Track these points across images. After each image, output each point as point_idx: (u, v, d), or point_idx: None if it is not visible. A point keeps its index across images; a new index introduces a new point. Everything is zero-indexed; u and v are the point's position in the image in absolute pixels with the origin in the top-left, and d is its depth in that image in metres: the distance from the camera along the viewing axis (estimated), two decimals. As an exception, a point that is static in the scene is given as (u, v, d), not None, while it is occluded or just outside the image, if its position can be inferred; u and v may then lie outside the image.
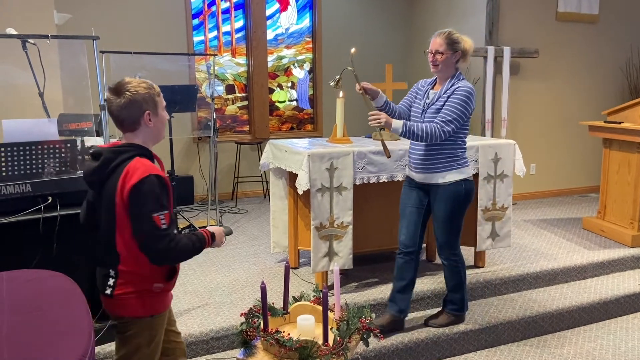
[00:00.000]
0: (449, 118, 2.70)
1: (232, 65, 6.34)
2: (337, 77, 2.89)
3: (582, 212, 5.39)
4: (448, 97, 2.74)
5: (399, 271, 3.01)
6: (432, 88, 2.89)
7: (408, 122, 2.71)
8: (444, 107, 2.73)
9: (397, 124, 2.66)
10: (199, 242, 1.81)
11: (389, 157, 2.78)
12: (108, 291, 1.77)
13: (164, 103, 1.88)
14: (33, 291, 1.57)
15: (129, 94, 1.75)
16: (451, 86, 2.77)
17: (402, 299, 3.02)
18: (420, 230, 2.96)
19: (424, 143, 2.79)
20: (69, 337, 1.33)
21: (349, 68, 2.79)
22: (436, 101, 2.79)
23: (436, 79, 2.90)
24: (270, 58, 6.46)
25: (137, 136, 1.82)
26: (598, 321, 3.55)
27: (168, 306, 1.89)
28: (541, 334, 3.37)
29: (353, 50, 2.82)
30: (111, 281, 1.76)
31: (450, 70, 2.80)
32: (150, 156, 1.83)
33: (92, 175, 1.79)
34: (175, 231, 1.78)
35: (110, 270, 1.76)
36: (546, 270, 3.78)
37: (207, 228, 1.88)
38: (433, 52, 2.77)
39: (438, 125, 2.68)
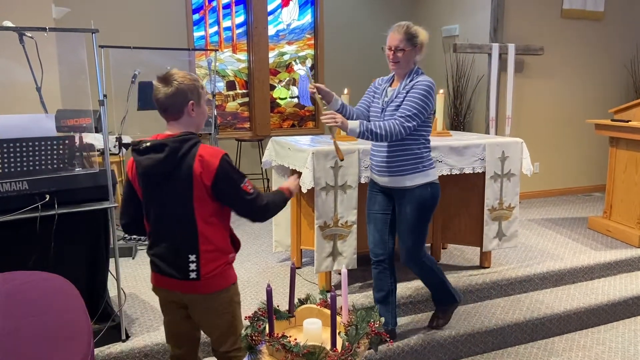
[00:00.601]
0: (409, 113, 2.50)
1: (232, 61, 6.27)
2: (314, 91, 2.58)
3: (587, 211, 5.33)
4: (407, 92, 2.57)
5: (375, 281, 2.85)
6: (390, 85, 2.71)
7: (365, 121, 2.54)
8: (404, 102, 2.55)
9: (353, 124, 2.47)
10: (281, 196, 2.05)
11: (342, 159, 2.59)
12: (193, 275, 1.89)
13: (207, 96, 1.96)
14: (29, 294, 1.50)
15: (176, 83, 1.84)
16: (410, 81, 2.60)
17: (385, 310, 2.82)
18: (388, 236, 2.79)
19: (386, 144, 2.62)
20: (67, 342, 1.26)
21: (302, 70, 2.68)
22: (395, 98, 2.61)
23: (394, 75, 2.72)
24: (271, 54, 6.39)
25: (181, 124, 1.90)
26: (606, 323, 3.49)
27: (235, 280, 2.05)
28: (549, 336, 3.31)
29: (307, 62, 2.71)
30: (193, 265, 1.88)
31: (409, 66, 2.61)
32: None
33: (159, 167, 1.84)
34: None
35: (190, 256, 1.88)
36: (553, 270, 3.71)
37: (281, 185, 2.12)
38: (392, 48, 2.56)
39: (397, 122, 2.49)
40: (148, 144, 1.86)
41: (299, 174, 2.90)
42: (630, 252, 4.03)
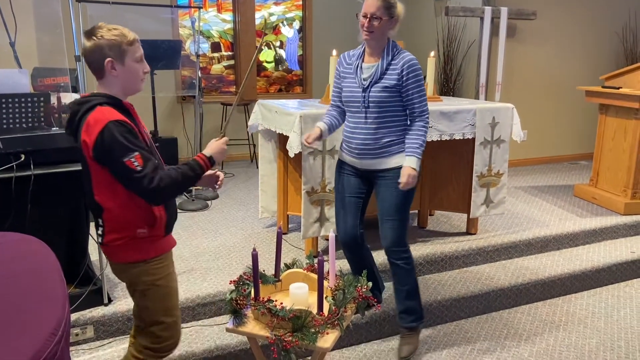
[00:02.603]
0: (425, 108, 2.45)
1: (217, 21, 6.07)
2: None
3: (573, 179, 5.35)
4: (401, 76, 2.39)
5: (355, 264, 2.73)
6: (363, 61, 2.50)
7: (411, 149, 2.41)
8: (410, 95, 2.41)
9: (413, 162, 2.38)
10: (191, 171, 1.80)
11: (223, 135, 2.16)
12: (99, 239, 1.81)
13: (139, 53, 1.77)
14: (1, 256, 1.43)
15: (95, 38, 1.71)
16: (393, 58, 2.42)
17: (375, 286, 2.63)
18: (359, 219, 2.65)
19: (367, 125, 2.46)
20: (41, 305, 1.20)
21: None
22: (382, 77, 2.41)
23: (364, 50, 2.51)
24: (257, 15, 6.19)
25: (105, 85, 1.77)
26: (589, 289, 3.53)
27: (162, 252, 1.84)
28: (532, 301, 3.33)
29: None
30: (100, 230, 1.80)
31: (383, 39, 2.43)
32: (119, 105, 1.76)
33: (66, 130, 1.79)
34: (163, 166, 1.79)
35: (99, 220, 1.80)
36: (538, 237, 3.72)
37: (202, 152, 1.86)
38: (368, 15, 2.36)
39: (424, 123, 2.44)
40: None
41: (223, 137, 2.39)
42: (615, 219, 4.06)
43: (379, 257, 3.31)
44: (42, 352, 1.02)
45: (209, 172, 1.98)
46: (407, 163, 2.40)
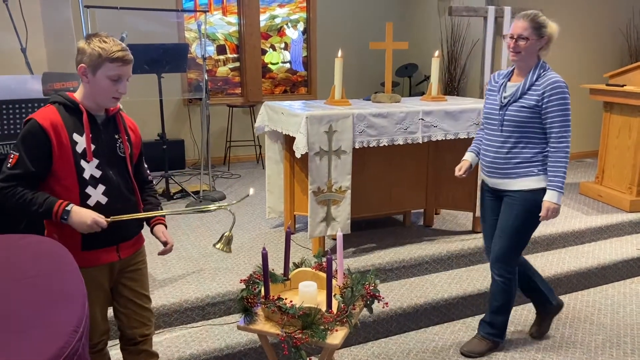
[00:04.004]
0: (565, 134, 2.37)
1: (223, 24, 6.12)
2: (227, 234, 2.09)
3: (579, 177, 5.36)
4: (542, 97, 2.36)
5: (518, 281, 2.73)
6: (509, 80, 2.52)
7: (552, 183, 2.39)
8: (550, 117, 2.37)
9: (554, 197, 2.38)
10: (39, 207, 1.72)
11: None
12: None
13: (116, 72, 1.77)
14: (20, 258, 1.47)
15: (86, 43, 1.76)
16: (537, 78, 2.40)
17: (539, 295, 2.81)
18: None
19: (500, 143, 2.48)
20: (60, 304, 1.24)
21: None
22: (521, 97, 2.41)
23: (513, 70, 2.53)
24: (262, 17, 6.24)
25: (80, 87, 1.83)
26: (595, 286, 3.55)
27: (84, 266, 1.62)
28: (539, 298, 3.35)
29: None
30: None
31: (532, 59, 2.42)
32: (73, 108, 1.79)
33: None
34: (32, 190, 1.74)
35: None
36: (544, 235, 3.74)
37: (74, 205, 1.74)
38: (515, 37, 2.38)
39: (563, 153, 2.39)
40: None
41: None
42: (620, 217, 4.07)
43: (376, 259, 3.35)
44: (65, 348, 1.06)
45: (166, 247, 2.00)
46: (548, 197, 2.40)
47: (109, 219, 1.78)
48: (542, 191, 2.44)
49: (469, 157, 2.70)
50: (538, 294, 2.84)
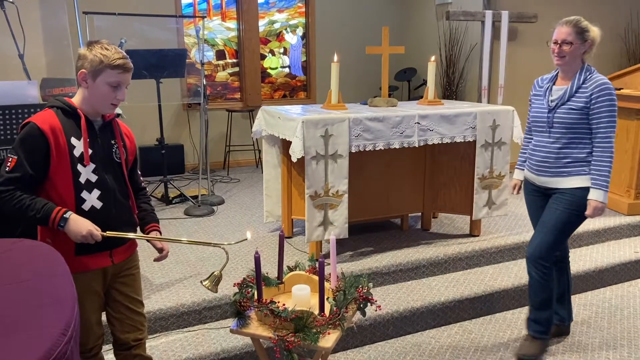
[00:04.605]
0: (610, 134, 2.42)
1: (222, 29, 6.15)
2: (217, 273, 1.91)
3: (577, 180, 5.35)
4: (590, 99, 2.42)
5: (551, 282, 2.73)
6: (554, 84, 2.60)
7: (597, 182, 2.43)
8: (597, 117, 2.42)
9: (599, 195, 2.42)
10: (37, 212, 1.72)
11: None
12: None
13: (115, 79, 1.80)
14: (12, 261, 1.49)
15: (87, 49, 1.79)
16: (584, 81, 2.47)
17: (560, 308, 2.85)
18: None
19: (550, 144, 2.54)
20: (50, 307, 1.25)
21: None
22: (569, 99, 2.48)
23: (557, 74, 2.61)
24: (261, 22, 6.27)
25: (78, 92, 1.85)
26: (593, 289, 3.54)
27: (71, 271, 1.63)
28: (536, 302, 3.35)
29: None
30: None
31: (576, 62, 2.50)
32: (71, 113, 1.81)
33: None
34: (29, 194, 1.74)
35: None
36: (542, 238, 3.74)
37: (72, 214, 1.75)
38: (559, 42, 2.48)
39: (608, 154, 2.43)
40: None
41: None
42: (618, 220, 4.07)
43: (373, 263, 3.36)
44: (53, 350, 1.07)
45: (162, 254, 2.03)
46: (593, 196, 2.45)
47: (104, 234, 1.79)
48: (588, 190, 2.49)
49: (519, 175, 2.82)
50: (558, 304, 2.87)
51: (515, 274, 3.42)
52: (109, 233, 1.80)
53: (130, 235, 1.91)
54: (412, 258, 3.35)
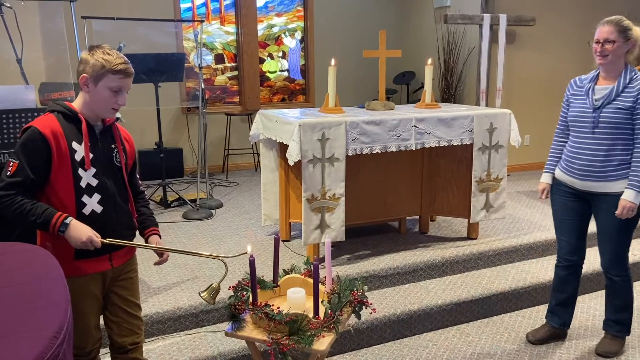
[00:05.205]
0: None
1: (220, 33, 6.17)
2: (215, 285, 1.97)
3: (575, 183, 5.36)
4: (637, 98, 2.41)
5: (560, 283, 2.83)
6: (596, 84, 2.57)
7: (632, 181, 2.42)
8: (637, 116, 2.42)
9: (631, 195, 2.41)
10: (37, 217, 1.73)
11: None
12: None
13: (117, 84, 1.82)
14: (6, 264, 1.49)
15: (89, 54, 1.80)
16: (630, 80, 2.45)
17: (564, 312, 2.88)
18: (583, 241, 2.77)
19: (596, 146, 2.50)
20: (43, 310, 1.26)
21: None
22: (615, 98, 2.46)
23: (598, 74, 2.59)
24: (260, 26, 6.29)
25: (79, 96, 1.85)
26: (591, 292, 3.54)
27: (67, 274, 1.54)
28: (534, 304, 3.35)
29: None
30: None
31: (620, 62, 2.48)
32: (72, 117, 1.82)
33: None
34: (28, 198, 1.75)
35: None
36: (539, 241, 3.75)
37: (72, 219, 1.76)
38: (601, 41, 2.47)
39: None
40: None
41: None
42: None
43: (370, 266, 3.36)
44: (45, 353, 1.08)
45: (162, 258, 2.05)
46: (626, 196, 2.44)
47: (104, 240, 1.79)
48: None
49: (548, 179, 2.77)
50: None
51: (512, 276, 3.42)
52: (108, 240, 1.81)
53: (130, 243, 1.92)
54: (410, 261, 3.35)
